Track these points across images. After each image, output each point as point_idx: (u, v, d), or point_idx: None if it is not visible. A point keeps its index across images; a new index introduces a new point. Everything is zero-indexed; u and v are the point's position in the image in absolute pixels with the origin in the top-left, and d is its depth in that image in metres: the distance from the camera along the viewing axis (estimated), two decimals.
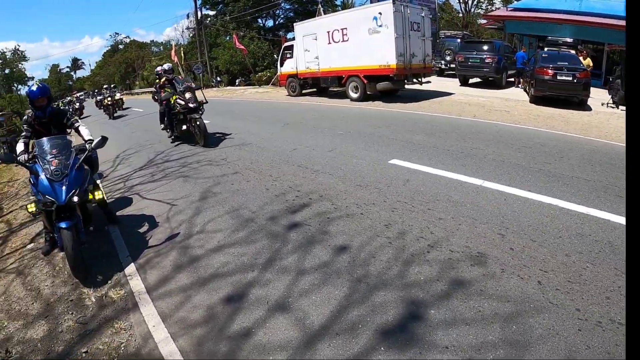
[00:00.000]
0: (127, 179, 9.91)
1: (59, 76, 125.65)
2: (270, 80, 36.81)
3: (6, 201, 10.31)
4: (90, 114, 31.42)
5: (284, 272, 4.74)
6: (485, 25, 42.51)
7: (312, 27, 20.92)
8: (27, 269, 6.01)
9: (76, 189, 5.25)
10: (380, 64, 17.27)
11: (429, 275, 4.28)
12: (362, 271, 4.52)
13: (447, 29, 41.92)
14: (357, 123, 13.25)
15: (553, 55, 16.79)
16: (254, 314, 4.09)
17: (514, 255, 4.50)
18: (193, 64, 47.38)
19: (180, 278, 4.99)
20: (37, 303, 5.05)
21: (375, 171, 7.82)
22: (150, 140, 14.31)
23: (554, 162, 7.73)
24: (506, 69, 21.50)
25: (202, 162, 10.02)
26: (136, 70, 79.24)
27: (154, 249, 5.88)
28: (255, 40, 45.92)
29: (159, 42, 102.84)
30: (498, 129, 11.13)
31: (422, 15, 18.28)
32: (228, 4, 50.92)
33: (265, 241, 5.55)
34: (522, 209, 5.69)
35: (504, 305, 3.71)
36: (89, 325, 4.42)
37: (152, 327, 4.16)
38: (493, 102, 16.62)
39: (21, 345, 4.31)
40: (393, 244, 5.01)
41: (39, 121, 6.10)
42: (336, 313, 3.90)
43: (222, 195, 7.47)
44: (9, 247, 7.06)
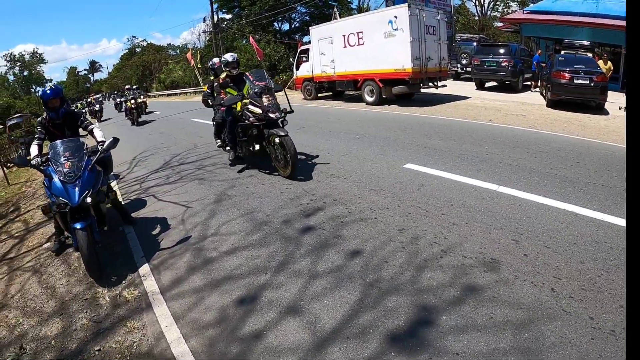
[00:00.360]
0: (143, 180, 10.02)
1: (76, 78, 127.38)
2: (286, 84, 36.91)
3: (24, 201, 10.46)
4: (111, 117, 31.30)
5: (296, 275, 4.76)
6: (502, 28, 42.32)
7: (328, 31, 20.95)
8: (43, 268, 6.12)
9: (89, 190, 5.35)
10: (396, 68, 17.25)
11: (441, 281, 4.27)
12: (374, 276, 4.53)
13: (463, 32, 41.79)
14: (373, 127, 13.25)
15: (570, 58, 16.67)
16: (265, 316, 4.12)
17: (527, 262, 4.47)
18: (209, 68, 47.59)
19: (193, 279, 5.05)
20: (52, 301, 5.14)
21: (390, 175, 7.83)
22: (166, 143, 14.45)
23: (570, 167, 7.67)
24: (523, 73, 21.34)
25: (217, 165, 10.09)
26: (153, 73, 79.76)
27: (168, 250, 5.95)
28: (271, 43, 46.04)
29: (176, 46, 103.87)
30: (514, 133, 11.06)
31: (437, 18, 18.22)
32: (244, 7, 51.10)
33: (278, 244, 5.59)
34: (537, 214, 5.65)
35: (516, 312, 3.69)
36: (102, 324, 4.50)
37: (164, 327, 4.22)
38: (509, 106, 16.51)
39: (36, 342, 4.39)
40: (406, 248, 5.01)
41: (53, 123, 6.21)
42: (347, 317, 3.92)
43: (236, 198, 7.52)
44: (25, 245, 7.18)
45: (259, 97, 8.18)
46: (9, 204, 10.70)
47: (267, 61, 42.49)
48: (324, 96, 23.99)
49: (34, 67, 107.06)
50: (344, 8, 49.16)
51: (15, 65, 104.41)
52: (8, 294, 5.59)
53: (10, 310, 5.16)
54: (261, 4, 48.29)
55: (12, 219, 9.18)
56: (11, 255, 6.95)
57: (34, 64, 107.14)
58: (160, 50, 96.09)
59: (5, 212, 10.05)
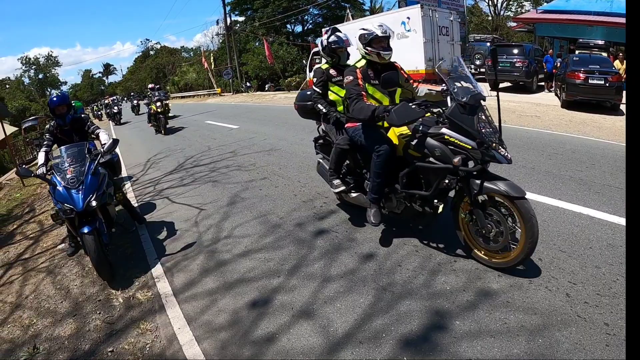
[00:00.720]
0: (157, 182, 10.14)
1: (91, 81, 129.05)
2: (299, 86, 36.96)
3: (38, 202, 10.61)
4: (130, 120, 31.13)
5: (309, 279, 4.77)
6: (515, 28, 42.14)
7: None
8: (57, 269, 6.23)
9: (93, 193, 5.41)
10: (409, 69, 17.14)
11: (455, 285, 4.26)
12: (387, 279, 4.53)
13: (476, 33, 41.64)
14: None
15: (584, 58, 16.54)
16: (278, 319, 4.13)
17: (542, 266, 4.44)
18: (223, 70, 47.83)
19: (206, 282, 5.08)
20: (65, 302, 5.22)
21: None
22: (180, 145, 14.59)
23: (585, 169, 7.61)
24: (537, 73, 21.21)
25: (231, 167, 10.16)
26: (167, 75, 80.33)
27: (181, 252, 6.00)
28: (284, 45, 46.21)
29: (189, 48, 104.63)
30: (529, 134, 10.99)
31: (450, 19, 18.22)
32: (257, 9, 51.45)
33: (291, 247, 5.61)
34: (551, 218, 5.61)
35: (530, 317, 3.67)
36: (115, 325, 4.56)
37: (177, 329, 4.26)
38: (523, 107, 16.41)
39: (49, 342, 4.46)
40: (420, 252, 5.00)
41: (61, 129, 6.30)
42: (360, 321, 3.92)
43: (250, 201, 7.56)
44: (40, 246, 7.32)
45: (466, 115, 4.38)
46: (24, 205, 10.84)
47: (280, 63, 42.63)
48: None
49: (49, 70, 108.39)
50: (356, 9, 49.30)
51: (31, 68, 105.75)
52: (22, 294, 5.69)
53: (24, 310, 5.25)
54: (274, 6, 48.61)
55: (27, 220, 9.32)
56: (26, 256, 7.07)
57: (49, 67, 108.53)
58: (173, 53, 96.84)
59: (20, 213, 10.18)
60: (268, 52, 39.13)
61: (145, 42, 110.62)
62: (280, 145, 11.93)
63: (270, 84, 46.22)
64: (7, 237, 8.49)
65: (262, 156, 10.93)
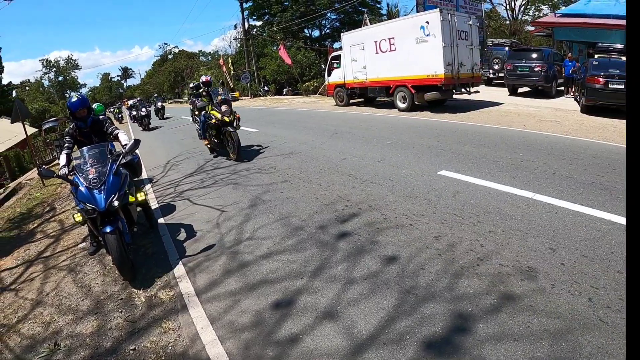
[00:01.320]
0: (177, 184, 10.28)
1: (110, 84, 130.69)
2: (317, 90, 37.03)
3: (59, 202, 10.82)
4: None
5: (332, 281, 4.81)
6: (534, 32, 41.82)
7: (360, 37, 21.03)
8: (78, 267, 6.37)
9: (115, 194, 5.49)
10: (428, 74, 17.21)
11: (478, 289, 4.28)
12: (410, 282, 4.55)
13: (494, 37, 41.43)
14: (406, 133, 13.25)
15: (604, 62, 16.35)
16: (302, 320, 4.18)
17: (564, 271, 4.44)
18: (241, 74, 48.04)
19: (229, 283, 5.14)
20: (87, 300, 5.32)
21: (425, 182, 7.83)
22: (200, 147, 14.70)
23: (606, 174, 7.58)
24: (556, 78, 21.07)
25: (251, 170, 10.26)
26: (185, 79, 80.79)
27: (203, 253, 6.08)
28: (302, 50, 46.27)
29: (207, 52, 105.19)
30: (549, 140, 10.95)
31: (469, 23, 18.11)
32: (275, 14, 51.61)
33: (314, 249, 5.65)
34: (573, 223, 5.60)
35: (553, 321, 3.69)
36: (137, 323, 4.63)
37: (200, 328, 4.32)
38: (543, 112, 16.32)
39: (70, 339, 4.55)
40: (442, 256, 5.03)
41: (80, 131, 6.38)
42: (384, 323, 3.95)
43: (271, 203, 7.62)
44: (61, 245, 7.48)
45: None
46: (45, 205, 11.03)
47: (298, 67, 42.68)
48: (355, 102, 24.01)
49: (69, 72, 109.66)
50: (373, 14, 49.30)
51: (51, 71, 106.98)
52: (43, 292, 5.81)
53: (45, 307, 5.36)
54: (292, 10, 48.75)
55: (47, 219, 9.50)
56: (47, 254, 7.23)
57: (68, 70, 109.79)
58: (191, 57, 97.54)
59: (40, 212, 10.38)
60: (285, 55, 39.21)
61: (164, 46, 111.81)
62: (300, 149, 12.00)
63: (288, 88, 46.31)
64: (28, 235, 8.67)
65: (283, 159, 11.01)
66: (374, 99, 23.12)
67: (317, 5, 47.69)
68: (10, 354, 4.57)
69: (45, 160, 24.46)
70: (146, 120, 26.58)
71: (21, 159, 26.86)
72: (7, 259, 7.58)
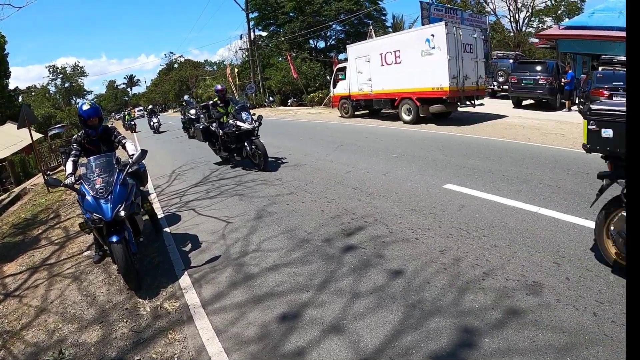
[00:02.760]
0: (182, 194, 10.34)
1: (115, 92, 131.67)
2: (322, 101, 37.13)
3: (64, 208, 10.85)
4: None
5: (339, 294, 4.83)
6: (538, 44, 41.84)
7: (365, 49, 21.15)
8: (83, 275, 6.40)
9: (122, 203, 5.51)
10: (433, 87, 17.29)
11: (483, 303, 4.30)
12: (416, 296, 4.57)
13: (499, 49, 41.51)
14: (411, 146, 13.31)
15: (608, 75, 16.34)
16: (308, 333, 4.19)
17: (569, 285, 4.46)
18: (246, 84, 48.21)
19: (235, 294, 5.16)
20: (92, 308, 5.35)
21: (430, 196, 7.86)
22: (205, 157, 14.88)
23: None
24: (561, 90, 21.08)
25: (257, 182, 10.32)
26: (190, 88, 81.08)
27: (209, 264, 6.10)
28: (307, 61, 46.43)
29: (213, 62, 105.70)
30: (553, 153, 10.96)
31: (474, 36, 18.18)
32: (281, 25, 51.94)
33: (320, 262, 5.67)
34: (578, 237, 5.62)
35: (558, 336, 3.71)
36: (143, 334, 4.65)
37: (206, 340, 4.33)
38: (547, 124, 16.33)
39: (74, 347, 4.57)
40: (448, 270, 5.05)
41: (89, 139, 6.38)
42: (390, 337, 3.97)
43: (277, 215, 7.64)
44: (65, 252, 7.51)
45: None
46: (50, 211, 11.07)
47: (303, 78, 42.79)
48: (360, 114, 24.06)
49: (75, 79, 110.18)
50: (379, 26, 49.41)
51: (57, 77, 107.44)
52: (47, 299, 5.84)
53: (49, 314, 5.39)
54: (297, 22, 48.83)
55: (52, 225, 9.54)
56: (51, 261, 7.26)
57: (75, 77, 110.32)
58: (197, 66, 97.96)
59: (45, 218, 10.41)
60: (292, 67, 39.37)
61: (170, 55, 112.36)
62: (305, 161, 12.08)
63: (293, 99, 46.50)
64: (32, 241, 8.72)
65: (288, 171, 11.07)
66: (379, 111, 23.21)
67: (323, 17, 47.89)
68: None
69: (50, 166, 24.64)
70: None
71: (26, 164, 27.08)
72: (12, 264, 7.63)
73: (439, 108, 17.78)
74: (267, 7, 52.80)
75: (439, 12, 30.62)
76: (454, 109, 18.91)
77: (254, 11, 51.98)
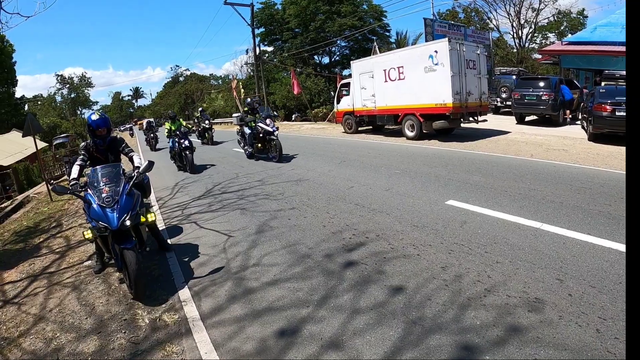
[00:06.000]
0: (184, 207, 10.35)
1: (120, 103, 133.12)
2: (326, 117, 37.24)
3: (66, 218, 10.87)
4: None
5: (338, 310, 4.80)
6: (541, 60, 41.99)
7: (369, 65, 21.20)
8: (82, 285, 6.37)
9: (127, 213, 5.57)
10: (437, 103, 17.31)
11: (485, 320, 4.27)
12: (417, 313, 4.54)
13: (502, 65, 41.65)
14: (413, 162, 13.30)
15: (611, 90, 16.32)
16: (307, 349, 4.16)
17: (572, 302, 4.43)
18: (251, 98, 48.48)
19: (234, 308, 5.13)
20: (90, 318, 5.33)
21: (432, 212, 7.83)
22: (208, 172, 15.09)
23: (614, 203, 7.56)
24: (564, 106, 21.10)
25: (259, 196, 10.30)
26: (195, 101, 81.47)
27: (209, 277, 6.09)
28: (311, 76, 46.65)
29: (218, 76, 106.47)
30: (556, 169, 10.95)
31: (477, 52, 18.23)
32: (286, 40, 52.30)
33: (320, 278, 5.64)
34: (581, 253, 5.59)
35: (560, 353, 3.67)
36: (140, 345, 4.62)
37: (204, 354, 4.31)
38: (550, 140, 16.33)
39: (71, 357, 4.55)
40: (449, 286, 5.02)
41: (97, 148, 6.49)
42: (390, 354, 3.93)
43: (278, 230, 7.63)
44: (66, 261, 7.51)
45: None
46: (52, 220, 11.09)
47: (307, 94, 42.96)
48: (364, 130, 24.12)
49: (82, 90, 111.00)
50: (383, 42, 49.66)
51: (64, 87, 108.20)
52: (46, 307, 5.83)
53: (47, 323, 5.37)
54: (302, 37, 49.21)
55: (53, 234, 9.56)
56: (51, 270, 7.25)
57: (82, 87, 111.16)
58: (202, 80, 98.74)
59: (47, 227, 10.42)
60: (295, 82, 39.47)
61: (175, 68, 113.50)
62: (308, 176, 12.08)
63: (297, 114, 46.62)
64: (33, 249, 8.72)
65: (290, 186, 11.06)
66: (383, 127, 23.27)
67: (327, 33, 48.18)
68: None
69: (53, 175, 24.77)
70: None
71: (30, 172, 27.25)
72: (12, 271, 7.62)
73: (442, 124, 17.77)
74: (272, 22, 53.23)
75: (443, 28, 30.76)
76: (457, 125, 18.92)
77: (259, 27, 52.41)
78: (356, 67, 22.21)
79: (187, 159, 15.60)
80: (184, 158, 15.79)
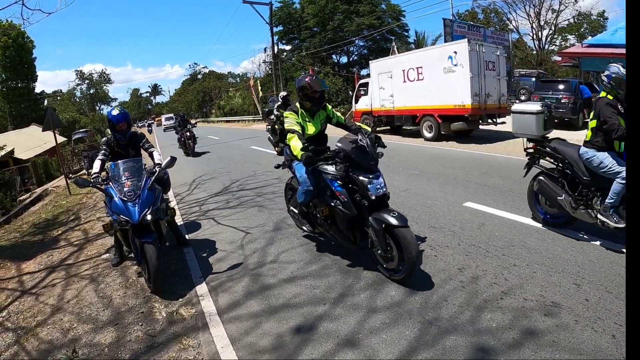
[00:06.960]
0: (202, 203, 10.45)
1: (139, 100, 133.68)
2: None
3: (84, 211, 11.01)
4: None
5: (355, 308, 4.83)
6: (560, 62, 41.54)
7: (388, 65, 21.19)
8: (100, 277, 6.47)
9: (149, 208, 5.66)
10: (455, 104, 17.25)
11: (501, 323, 4.28)
12: (433, 314, 4.56)
13: (521, 67, 41.34)
14: (431, 163, 13.30)
15: None
16: (323, 346, 4.19)
17: (588, 307, 4.42)
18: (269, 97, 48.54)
19: (251, 304, 5.18)
20: (107, 310, 5.41)
21: (450, 213, 7.84)
22: (226, 168, 15.23)
23: None
24: (583, 104, 20.85)
25: (277, 194, 10.29)
26: (213, 99, 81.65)
27: (226, 273, 6.15)
28: (329, 76, 46.59)
29: (236, 74, 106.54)
30: None
31: (497, 54, 18.11)
32: (304, 39, 52.29)
33: (337, 276, 5.67)
34: (599, 258, 5.56)
35: (576, 357, 3.67)
36: (157, 338, 4.68)
37: (220, 347, 4.35)
38: None
39: (88, 347, 4.62)
40: (466, 288, 5.03)
41: (118, 143, 6.58)
42: (405, 353, 3.96)
43: (296, 228, 7.56)
44: (84, 254, 7.61)
45: None
46: (70, 213, 11.22)
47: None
48: (382, 130, 24.01)
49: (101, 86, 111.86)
50: (401, 42, 49.45)
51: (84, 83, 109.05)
52: (64, 298, 5.92)
53: (65, 314, 5.47)
54: (320, 36, 49.16)
55: (72, 227, 9.68)
56: (69, 262, 7.36)
57: (101, 84, 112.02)
58: (220, 78, 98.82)
59: (65, 220, 10.54)
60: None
61: (194, 66, 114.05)
62: None
63: None
64: (51, 242, 8.86)
65: None
66: (401, 128, 23.19)
67: (346, 32, 48.13)
68: (27, 356, 4.68)
69: (72, 169, 25.02)
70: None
71: (49, 166, 27.53)
72: (30, 263, 7.75)
73: (461, 126, 17.69)
74: (290, 21, 53.29)
75: (462, 29, 30.64)
76: (476, 127, 18.78)
77: (278, 25, 52.40)
78: (375, 67, 22.19)
79: None
80: None
